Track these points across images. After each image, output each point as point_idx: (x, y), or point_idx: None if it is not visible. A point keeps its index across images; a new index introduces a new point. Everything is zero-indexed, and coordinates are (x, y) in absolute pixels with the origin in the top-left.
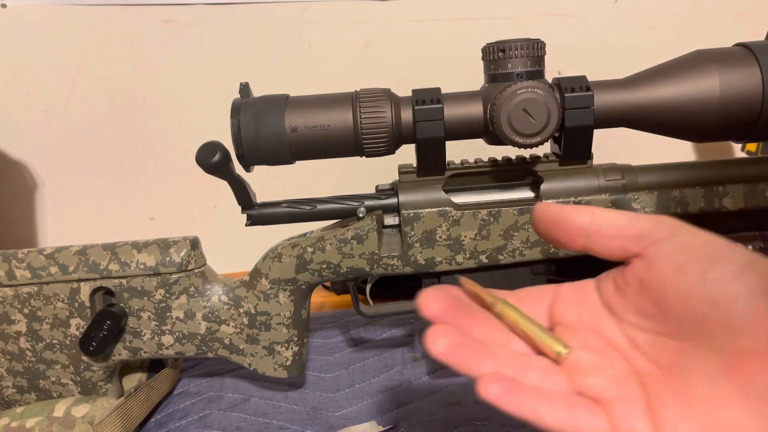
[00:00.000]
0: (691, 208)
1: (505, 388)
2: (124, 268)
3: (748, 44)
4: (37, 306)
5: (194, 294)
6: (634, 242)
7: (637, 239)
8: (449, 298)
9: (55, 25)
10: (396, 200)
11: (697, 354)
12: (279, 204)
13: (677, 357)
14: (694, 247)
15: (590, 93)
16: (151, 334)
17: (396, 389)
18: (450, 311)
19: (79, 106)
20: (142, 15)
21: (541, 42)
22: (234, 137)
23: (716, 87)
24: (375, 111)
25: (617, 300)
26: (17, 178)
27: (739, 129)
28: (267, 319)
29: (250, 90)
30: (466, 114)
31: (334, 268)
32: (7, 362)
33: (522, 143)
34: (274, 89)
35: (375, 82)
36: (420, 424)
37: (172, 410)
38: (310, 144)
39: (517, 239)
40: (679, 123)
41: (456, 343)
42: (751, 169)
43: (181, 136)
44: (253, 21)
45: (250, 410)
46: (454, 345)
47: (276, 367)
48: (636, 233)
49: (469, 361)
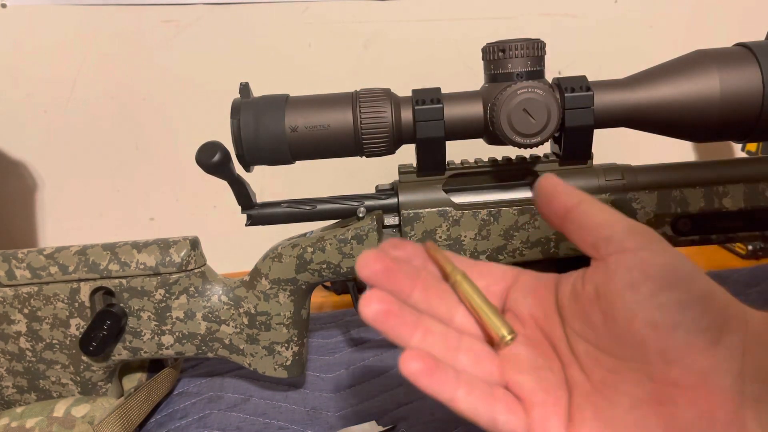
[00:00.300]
0: (691, 208)
1: (424, 368)
2: (124, 268)
3: (748, 44)
4: (37, 306)
5: (194, 294)
6: (602, 243)
7: (606, 242)
8: (389, 260)
9: (55, 25)
10: (396, 200)
11: (629, 377)
12: (279, 204)
13: (610, 375)
14: (654, 265)
15: (590, 93)
16: (151, 334)
17: (396, 389)
18: (388, 274)
19: (79, 106)
20: (142, 15)
21: (541, 42)
22: (234, 137)
23: (716, 87)
24: (375, 111)
25: (570, 303)
26: (17, 178)
27: (739, 129)
28: (267, 319)
29: (250, 90)
30: (466, 114)
31: (334, 268)
32: (7, 362)
33: (522, 143)
34: (274, 89)
35: (375, 82)
36: (420, 424)
37: (172, 410)
38: (310, 144)
39: (517, 239)
40: (679, 123)
41: (387, 310)
42: (751, 169)
43: (181, 136)
44: (253, 21)
45: (250, 410)
46: (385, 312)
47: (276, 367)
48: (607, 235)
49: (398, 331)
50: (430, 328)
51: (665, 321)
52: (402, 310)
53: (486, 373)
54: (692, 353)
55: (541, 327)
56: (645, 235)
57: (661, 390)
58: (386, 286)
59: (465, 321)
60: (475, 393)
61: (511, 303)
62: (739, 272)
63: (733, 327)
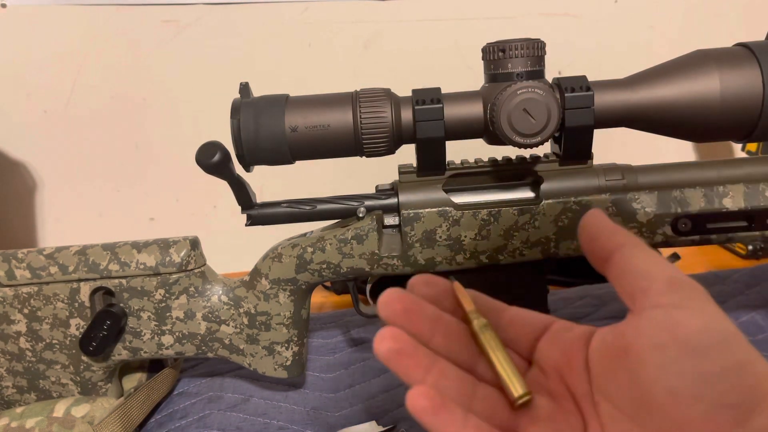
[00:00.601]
0: (691, 208)
1: (430, 405)
2: (124, 268)
3: (748, 44)
4: (36, 306)
5: (194, 294)
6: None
7: (642, 294)
8: (411, 301)
9: (55, 25)
10: (396, 200)
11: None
12: (279, 204)
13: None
14: (686, 327)
15: (590, 93)
16: (151, 334)
17: (396, 389)
18: (409, 316)
19: (79, 107)
20: (142, 15)
21: (541, 42)
22: (234, 137)
23: (716, 87)
24: (375, 111)
25: (600, 358)
26: (17, 178)
27: (740, 129)
28: (267, 319)
29: (250, 90)
30: (466, 114)
31: (334, 268)
32: (7, 362)
33: (522, 143)
34: (274, 89)
35: (375, 82)
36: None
37: (172, 410)
38: (310, 144)
39: (517, 239)
40: (679, 123)
41: (400, 349)
42: (751, 169)
43: (181, 136)
44: (253, 21)
45: (250, 410)
46: (398, 351)
47: (276, 367)
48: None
49: (410, 372)
50: (444, 371)
51: (686, 391)
52: (416, 351)
53: (500, 422)
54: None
55: (566, 381)
56: (685, 291)
57: None
58: (406, 328)
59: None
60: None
61: (538, 354)
62: (739, 272)
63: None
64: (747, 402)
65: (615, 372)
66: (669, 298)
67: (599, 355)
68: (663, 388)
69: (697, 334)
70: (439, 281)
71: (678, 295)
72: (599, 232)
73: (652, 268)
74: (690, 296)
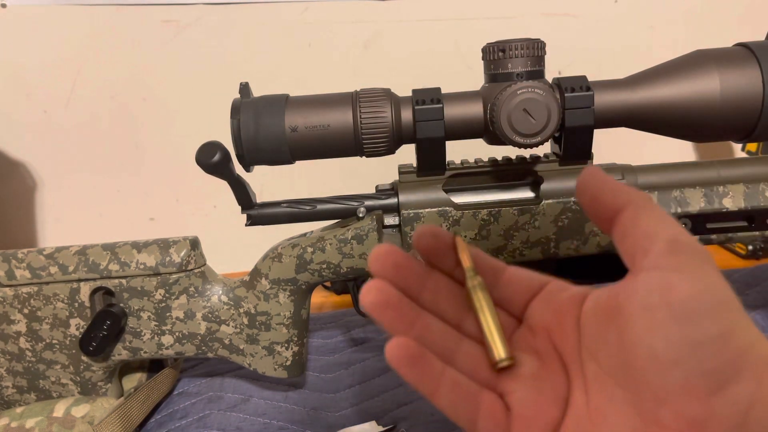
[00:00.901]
0: (691, 208)
1: (407, 356)
2: (124, 268)
3: (748, 44)
4: (36, 306)
5: (194, 294)
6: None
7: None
8: (402, 257)
9: (55, 25)
10: (396, 200)
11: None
12: (279, 204)
13: (607, 403)
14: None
15: (590, 93)
16: (151, 334)
17: (396, 389)
18: (398, 270)
19: (78, 106)
20: (142, 15)
21: (541, 42)
22: (234, 137)
23: (716, 87)
24: (375, 111)
25: (592, 318)
26: (17, 178)
27: (740, 129)
28: (267, 319)
29: (250, 90)
30: (466, 114)
31: (334, 268)
32: (7, 362)
33: (522, 143)
34: (274, 89)
35: (375, 82)
36: (420, 424)
37: (172, 410)
38: (310, 144)
39: (517, 239)
40: (679, 123)
41: (385, 301)
42: (751, 169)
43: (181, 136)
44: (253, 21)
45: (250, 410)
46: (383, 303)
47: (276, 367)
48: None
49: (394, 324)
50: (429, 325)
51: (667, 355)
52: (401, 304)
53: (482, 378)
54: (688, 398)
55: (555, 341)
56: (686, 255)
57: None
58: (395, 281)
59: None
60: (459, 392)
61: (529, 312)
62: (739, 272)
63: (746, 376)
64: (726, 371)
65: (605, 332)
66: (668, 261)
67: (592, 315)
68: (645, 352)
69: (688, 299)
70: (444, 234)
71: (678, 257)
72: (601, 191)
73: (656, 227)
74: (689, 260)
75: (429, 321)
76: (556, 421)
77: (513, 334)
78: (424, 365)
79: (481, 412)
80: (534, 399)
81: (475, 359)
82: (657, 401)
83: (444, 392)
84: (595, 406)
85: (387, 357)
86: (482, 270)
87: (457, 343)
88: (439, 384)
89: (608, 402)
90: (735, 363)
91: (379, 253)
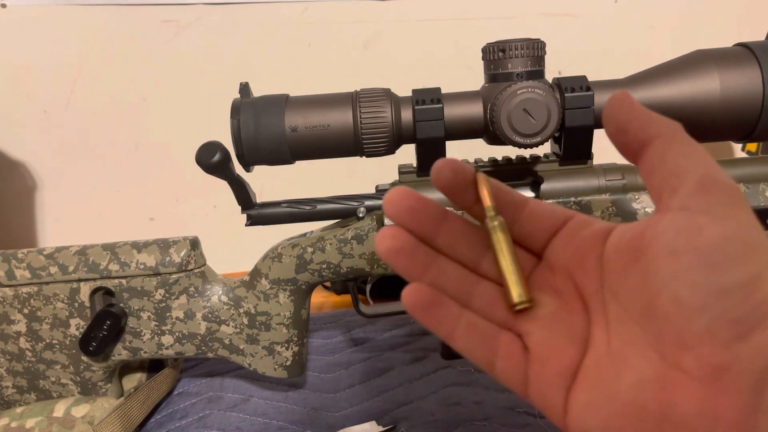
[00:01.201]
0: None
1: (422, 301)
2: (124, 268)
3: (748, 44)
4: (36, 306)
5: (194, 294)
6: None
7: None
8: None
9: (55, 25)
10: None
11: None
12: (279, 204)
13: (628, 345)
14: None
15: (590, 93)
16: (151, 335)
17: (396, 389)
18: (413, 214)
19: (79, 107)
20: (142, 15)
21: (541, 42)
22: (234, 137)
23: (716, 87)
24: (375, 111)
25: (616, 255)
26: (17, 178)
27: (740, 129)
28: (267, 319)
29: (250, 90)
30: (466, 114)
31: (334, 268)
32: (7, 362)
33: (522, 143)
34: (274, 89)
35: (375, 82)
36: (420, 424)
37: (172, 410)
38: (310, 144)
39: None
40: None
41: (399, 248)
42: (751, 169)
43: (181, 136)
44: (253, 21)
45: (250, 410)
46: (397, 250)
47: (276, 367)
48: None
49: (408, 269)
50: (444, 269)
51: (692, 301)
52: (416, 249)
53: (499, 318)
54: (712, 344)
55: (576, 279)
56: (715, 194)
57: (667, 374)
58: (409, 226)
59: (491, 268)
60: (475, 334)
61: (549, 250)
62: None
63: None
64: (751, 318)
65: (628, 272)
66: (696, 201)
67: (615, 253)
68: (670, 296)
69: (716, 243)
70: (466, 169)
71: (707, 197)
72: (629, 121)
73: (685, 163)
74: (719, 200)
75: (445, 265)
76: (576, 361)
77: (533, 273)
78: (439, 310)
79: (499, 353)
80: (553, 340)
81: (492, 300)
82: (680, 346)
83: (461, 335)
84: (615, 347)
85: (403, 303)
86: (503, 205)
87: (473, 285)
88: (456, 327)
89: (630, 344)
90: (761, 309)
91: (393, 197)
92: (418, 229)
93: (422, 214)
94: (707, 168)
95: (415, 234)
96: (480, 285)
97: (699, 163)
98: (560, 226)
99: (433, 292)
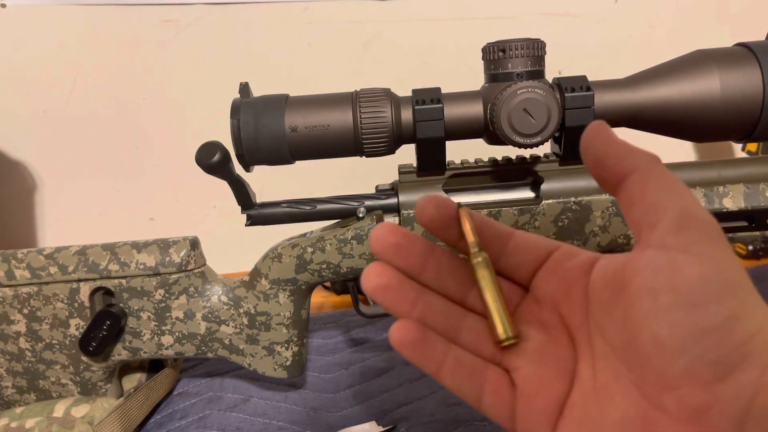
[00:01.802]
0: None
1: (409, 338)
2: (123, 269)
3: (748, 44)
4: (36, 306)
5: (194, 294)
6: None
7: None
8: (402, 236)
9: (55, 25)
10: (396, 200)
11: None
12: (279, 204)
13: (612, 381)
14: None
15: (590, 93)
16: (151, 335)
17: (396, 389)
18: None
19: (78, 106)
20: (141, 15)
21: (541, 42)
22: (234, 137)
23: (716, 87)
24: (375, 111)
25: (600, 289)
26: (17, 178)
27: (740, 129)
28: (267, 319)
29: (249, 90)
30: (466, 114)
31: (334, 268)
32: (7, 362)
33: (522, 143)
34: (274, 89)
35: (375, 82)
36: (420, 424)
37: (172, 410)
38: (310, 144)
39: None
40: (679, 123)
41: (386, 285)
42: (751, 169)
43: (181, 136)
44: (253, 21)
45: (250, 410)
46: (383, 287)
47: (276, 367)
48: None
49: (396, 306)
50: (431, 304)
51: (672, 342)
52: (402, 285)
53: (486, 353)
54: (692, 385)
55: (562, 312)
56: (694, 232)
57: (650, 413)
58: (396, 262)
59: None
60: (462, 370)
61: (535, 282)
62: None
63: (751, 364)
64: (731, 358)
65: (611, 306)
66: (675, 238)
67: (599, 286)
68: (650, 335)
69: (695, 283)
70: (449, 205)
71: (685, 234)
72: (607, 154)
73: (664, 198)
74: (698, 238)
75: (431, 300)
76: (562, 397)
77: (519, 305)
78: (426, 347)
79: (486, 389)
80: (540, 374)
81: (479, 334)
82: (661, 387)
83: (447, 371)
84: (601, 383)
85: (390, 340)
86: (488, 238)
87: (460, 319)
88: (443, 363)
89: (615, 380)
90: (740, 350)
91: (380, 233)
92: (404, 265)
93: (409, 250)
94: (685, 203)
95: (402, 269)
96: (467, 319)
97: (677, 197)
98: (545, 258)
99: (421, 329)
